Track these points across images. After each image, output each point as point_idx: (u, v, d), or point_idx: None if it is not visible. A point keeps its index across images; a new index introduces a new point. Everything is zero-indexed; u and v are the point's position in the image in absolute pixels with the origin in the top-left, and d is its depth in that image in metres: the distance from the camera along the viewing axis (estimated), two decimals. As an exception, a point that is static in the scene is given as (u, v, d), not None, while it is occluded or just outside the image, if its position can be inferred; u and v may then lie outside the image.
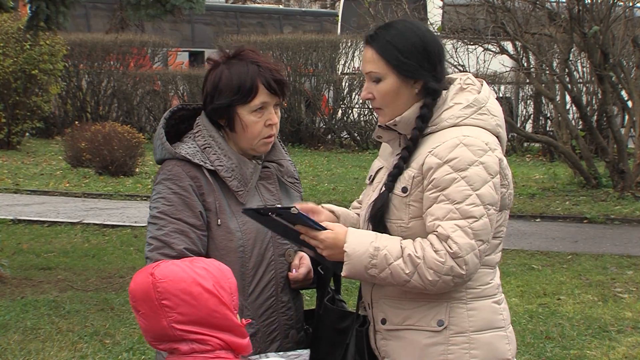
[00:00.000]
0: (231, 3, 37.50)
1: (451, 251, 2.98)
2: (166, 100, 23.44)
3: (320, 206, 3.30)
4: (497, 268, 3.24)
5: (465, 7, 16.40)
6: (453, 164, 3.02)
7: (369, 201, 3.23)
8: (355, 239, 3.05)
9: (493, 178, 3.05)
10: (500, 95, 21.15)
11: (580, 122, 17.38)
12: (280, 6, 39.68)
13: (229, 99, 3.25)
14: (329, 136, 23.38)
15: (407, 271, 3.01)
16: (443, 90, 3.16)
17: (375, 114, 3.23)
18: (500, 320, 3.17)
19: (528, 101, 21.74)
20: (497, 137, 3.14)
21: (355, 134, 22.86)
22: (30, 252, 10.28)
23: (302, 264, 3.32)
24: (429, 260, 2.99)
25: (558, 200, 14.29)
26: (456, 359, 3.09)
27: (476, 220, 3.00)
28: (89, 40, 23.30)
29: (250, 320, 3.13)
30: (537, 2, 14.62)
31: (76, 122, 20.07)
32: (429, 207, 3.04)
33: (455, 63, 15.21)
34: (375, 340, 3.21)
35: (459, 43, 15.63)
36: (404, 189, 3.09)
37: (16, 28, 19.20)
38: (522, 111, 21.82)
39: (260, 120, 3.28)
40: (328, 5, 43.76)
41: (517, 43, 14.98)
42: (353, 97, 22.43)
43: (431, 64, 3.12)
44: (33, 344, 6.90)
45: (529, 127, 21.23)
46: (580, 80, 17.93)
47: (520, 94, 21.85)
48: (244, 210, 3.22)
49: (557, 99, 16.25)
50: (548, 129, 20.92)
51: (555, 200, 14.36)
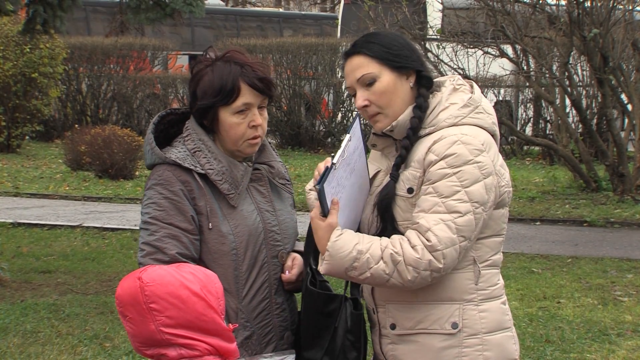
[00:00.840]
0: (231, 6, 37.53)
1: (429, 244, 2.99)
2: (166, 104, 23.44)
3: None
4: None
5: (465, 11, 16.41)
6: (449, 160, 3.04)
7: (368, 204, 3.23)
8: (340, 240, 3.04)
9: (485, 179, 3.06)
10: (500, 98, 21.16)
11: (580, 126, 17.39)
12: (280, 9, 39.70)
13: (211, 101, 3.23)
14: (329, 139, 23.36)
15: (388, 271, 3.01)
16: (436, 92, 3.18)
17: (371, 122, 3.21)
18: (507, 320, 3.20)
19: (528, 104, 21.74)
20: (492, 135, 3.17)
21: (355, 137, 22.84)
22: (30, 256, 10.28)
23: (295, 265, 3.31)
24: (407, 257, 3.00)
25: (558, 204, 14.29)
26: None
27: (461, 216, 3.01)
28: (89, 43, 23.31)
29: (237, 325, 3.13)
30: (537, 6, 14.63)
31: (76, 126, 20.10)
32: (419, 198, 3.07)
33: (455, 66, 15.21)
34: (380, 345, 3.21)
35: (459, 46, 15.63)
36: (410, 190, 3.10)
37: (16, 31, 19.17)
38: (522, 114, 21.83)
39: (244, 121, 3.25)
40: (328, 9, 43.79)
41: (517, 46, 14.98)
42: (353, 101, 22.36)
43: (418, 56, 3.19)
44: (33, 348, 6.90)
45: (528, 131, 21.23)
46: (580, 83, 17.92)
47: (520, 97, 21.85)
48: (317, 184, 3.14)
49: (557, 102, 16.25)
50: (548, 132, 20.93)
51: (555, 203, 14.36)
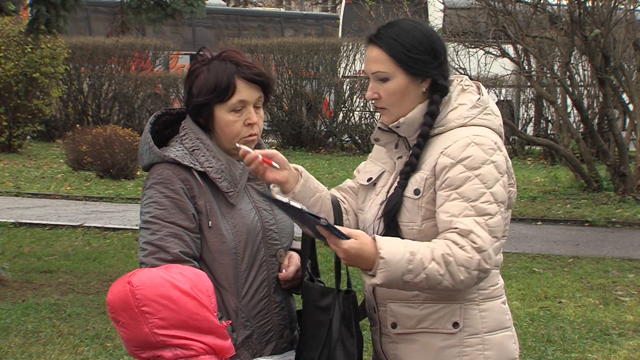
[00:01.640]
0: (232, 6, 37.53)
1: (476, 245, 2.96)
2: (167, 104, 23.43)
3: (287, 163, 3.21)
4: None
5: (467, 11, 16.40)
6: (466, 162, 3.02)
7: (373, 204, 3.22)
8: (389, 245, 2.96)
9: (502, 177, 3.07)
10: (502, 98, 21.16)
11: (582, 125, 17.39)
12: (282, 9, 39.70)
13: (206, 98, 3.23)
14: (330, 139, 23.37)
15: (442, 272, 2.96)
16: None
17: (377, 115, 3.21)
18: (507, 320, 3.20)
19: (529, 104, 21.74)
20: (500, 136, 3.17)
21: (357, 137, 22.87)
22: (31, 255, 10.28)
23: (291, 263, 3.31)
24: (458, 257, 2.96)
25: (559, 204, 14.29)
26: None
27: (491, 217, 3.01)
28: (90, 43, 23.32)
29: (230, 322, 3.13)
30: (538, 5, 14.63)
31: (77, 125, 20.10)
32: (441, 205, 3.03)
33: (456, 66, 15.21)
34: (381, 344, 3.21)
35: (460, 46, 15.63)
36: (417, 191, 3.08)
37: (17, 31, 19.20)
38: (523, 114, 21.82)
39: (239, 119, 3.24)
40: (329, 9, 43.80)
41: (518, 46, 14.98)
42: (354, 100, 22.43)
43: (438, 61, 3.11)
44: (34, 347, 6.90)
45: (530, 130, 21.22)
46: (582, 83, 17.92)
47: (522, 97, 21.85)
48: (263, 194, 3.22)
49: (558, 102, 16.25)
50: (549, 132, 20.93)
51: (556, 203, 14.36)
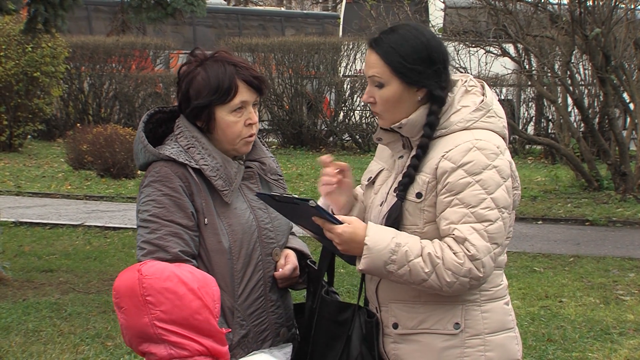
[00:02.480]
0: (233, 5, 37.52)
1: (469, 253, 2.98)
2: (168, 103, 23.42)
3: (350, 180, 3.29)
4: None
5: (467, 10, 16.40)
6: (467, 167, 3.02)
7: (373, 205, 3.22)
8: (377, 233, 3.02)
9: (506, 181, 3.05)
10: (502, 97, 21.15)
11: (582, 125, 17.38)
12: (282, 8, 39.69)
13: (207, 100, 3.22)
14: (331, 138, 23.37)
15: (427, 270, 2.99)
16: (448, 93, 3.16)
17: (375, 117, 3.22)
18: (510, 321, 3.20)
19: (530, 103, 21.72)
20: (503, 138, 3.16)
21: (357, 136, 22.86)
22: (31, 255, 10.28)
23: (288, 262, 3.32)
24: (448, 261, 2.98)
25: (560, 203, 14.28)
26: None
27: (491, 224, 3.00)
28: (91, 42, 23.31)
29: (230, 330, 3.12)
30: (539, 5, 14.62)
31: (78, 125, 20.08)
32: (442, 211, 3.04)
33: (457, 65, 15.20)
34: (383, 345, 3.20)
35: (461, 45, 15.62)
36: (419, 195, 3.08)
37: (18, 30, 19.17)
38: (524, 113, 21.81)
39: (240, 119, 3.25)
40: (330, 8, 43.78)
41: (519, 45, 14.97)
42: (355, 100, 22.43)
43: (436, 71, 3.09)
44: (35, 347, 6.90)
45: (530, 130, 21.21)
46: (582, 82, 17.91)
47: (522, 97, 21.84)
48: (258, 194, 3.22)
49: (559, 102, 16.25)
50: (550, 131, 20.92)
51: (557, 202, 14.36)
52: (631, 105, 15.08)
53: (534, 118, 21.72)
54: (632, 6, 14.77)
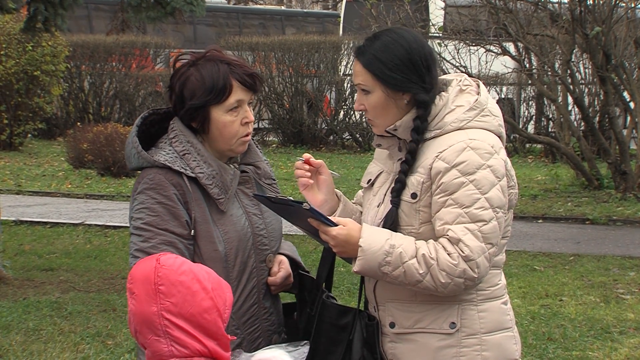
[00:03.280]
0: (233, 4, 37.52)
1: (463, 254, 2.98)
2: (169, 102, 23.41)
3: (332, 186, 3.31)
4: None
5: (467, 8, 16.40)
6: (461, 167, 3.02)
7: (371, 206, 3.23)
8: (371, 235, 3.03)
9: (500, 181, 3.05)
10: (502, 96, 21.15)
11: (583, 123, 17.38)
12: (282, 7, 39.68)
13: (202, 100, 3.19)
14: (331, 137, 23.37)
15: (421, 271, 3.00)
16: (442, 92, 3.15)
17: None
18: (508, 320, 3.19)
19: (530, 102, 21.72)
20: (499, 137, 3.15)
21: (357, 135, 22.86)
22: (32, 253, 10.29)
23: (281, 269, 3.30)
24: (442, 262, 2.99)
25: (560, 202, 14.28)
26: None
27: (485, 224, 3.01)
28: (91, 41, 23.31)
29: (235, 337, 3.11)
30: (539, 3, 14.62)
31: (78, 124, 20.10)
32: (437, 212, 3.04)
33: (457, 64, 15.20)
34: (381, 344, 3.20)
35: (461, 44, 15.62)
36: (414, 195, 3.09)
37: (18, 29, 19.17)
38: (524, 112, 21.81)
39: (237, 119, 3.22)
40: (330, 7, 43.77)
41: (519, 44, 14.97)
42: (355, 99, 22.39)
43: (418, 75, 3.10)
44: (35, 345, 6.90)
45: (531, 128, 21.21)
46: (582, 81, 17.91)
47: (522, 95, 21.83)
48: (255, 195, 3.20)
49: (559, 100, 16.24)
50: (550, 130, 20.91)
51: (557, 201, 14.35)
52: (631, 104, 15.08)
53: (534, 117, 21.72)
54: (633, 5, 14.77)
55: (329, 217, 3.09)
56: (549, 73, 15.40)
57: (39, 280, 9.10)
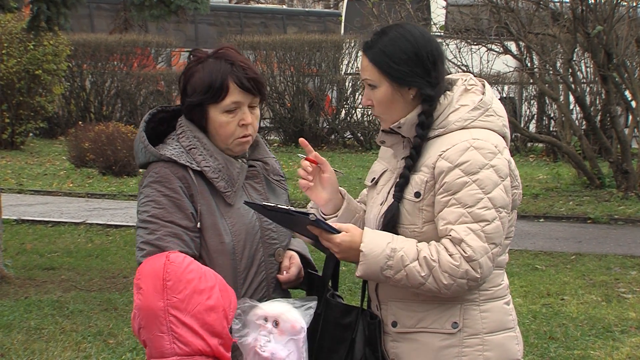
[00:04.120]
0: (235, 3, 37.52)
1: (465, 255, 2.98)
2: (170, 101, 23.42)
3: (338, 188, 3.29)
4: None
5: (469, 7, 16.38)
6: (464, 167, 3.02)
7: (374, 204, 3.22)
8: (372, 240, 3.03)
9: (503, 181, 3.05)
10: (504, 95, 21.14)
11: (584, 122, 17.37)
12: (284, 6, 39.68)
13: (199, 98, 3.21)
14: (333, 136, 23.37)
15: (423, 274, 3.00)
16: (447, 92, 3.15)
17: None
18: (511, 320, 3.19)
19: (531, 101, 21.71)
20: (503, 137, 3.15)
21: (359, 134, 22.86)
22: (33, 252, 10.29)
23: (292, 264, 3.30)
24: (444, 263, 2.99)
25: (562, 201, 14.28)
26: None
27: (488, 224, 3.00)
28: (93, 40, 23.31)
29: (236, 340, 3.10)
30: (541, 2, 14.61)
31: (80, 123, 20.09)
32: (440, 211, 3.04)
33: (458, 63, 15.20)
34: (383, 343, 3.20)
35: (463, 43, 15.61)
36: (417, 194, 3.08)
37: (20, 28, 19.19)
38: (526, 111, 21.80)
39: (233, 120, 3.22)
40: (331, 6, 43.76)
41: (521, 43, 14.96)
42: (356, 98, 22.42)
43: (424, 70, 3.10)
44: (37, 344, 6.91)
45: (532, 127, 21.21)
46: (584, 80, 17.90)
47: (524, 94, 21.83)
48: (246, 202, 3.20)
49: (561, 99, 16.24)
50: (551, 129, 20.90)
51: (558, 200, 14.35)
52: (633, 103, 15.07)
53: (535, 116, 21.72)
54: (634, 4, 14.76)
55: (331, 224, 3.09)
56: (551, 72, 15.39)
57: (41, 279, 9.10)
